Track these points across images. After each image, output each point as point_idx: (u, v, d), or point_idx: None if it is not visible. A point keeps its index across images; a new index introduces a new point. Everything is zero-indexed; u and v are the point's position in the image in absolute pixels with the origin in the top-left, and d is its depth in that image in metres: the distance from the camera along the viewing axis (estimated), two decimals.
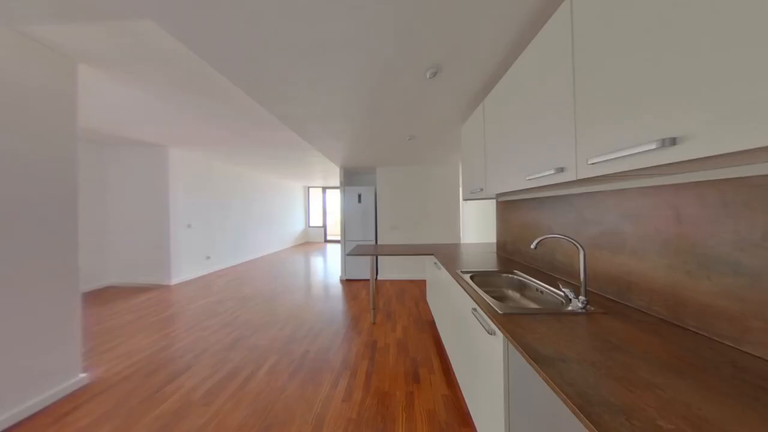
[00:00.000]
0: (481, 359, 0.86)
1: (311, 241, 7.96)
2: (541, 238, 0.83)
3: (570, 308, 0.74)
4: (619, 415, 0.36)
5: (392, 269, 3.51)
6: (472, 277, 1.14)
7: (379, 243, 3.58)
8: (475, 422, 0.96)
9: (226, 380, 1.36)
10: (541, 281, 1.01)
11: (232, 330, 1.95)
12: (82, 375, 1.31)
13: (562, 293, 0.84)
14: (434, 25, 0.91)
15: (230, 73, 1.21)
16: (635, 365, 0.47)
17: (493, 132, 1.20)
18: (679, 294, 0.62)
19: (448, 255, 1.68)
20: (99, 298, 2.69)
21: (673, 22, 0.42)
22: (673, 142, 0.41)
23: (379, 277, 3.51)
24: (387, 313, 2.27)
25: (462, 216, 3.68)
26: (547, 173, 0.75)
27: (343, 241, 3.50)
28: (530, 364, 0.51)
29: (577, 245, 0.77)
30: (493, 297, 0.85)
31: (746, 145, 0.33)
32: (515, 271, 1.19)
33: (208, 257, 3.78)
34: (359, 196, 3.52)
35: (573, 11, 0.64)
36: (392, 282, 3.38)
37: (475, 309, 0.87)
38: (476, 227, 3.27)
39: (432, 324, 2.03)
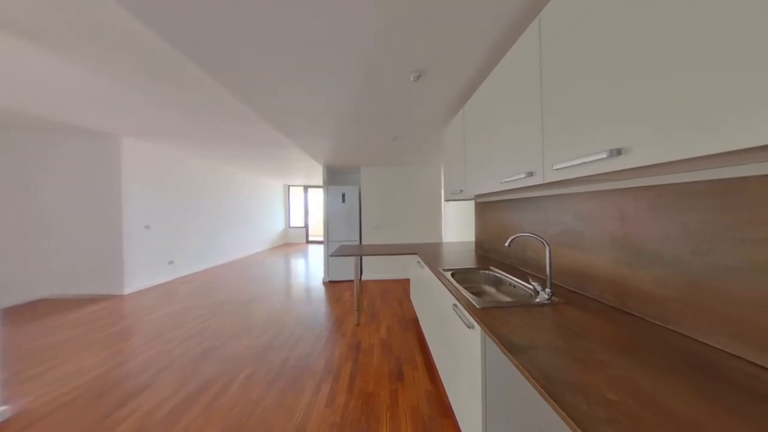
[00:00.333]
0: (461, 352, 0.90)
1: (292, 243, 7.60)
2: (514, 236, 0.90)
3: (538, 300, 0.81)
4: (577, 392, 0.41)
5: (376, 269, 3.52)
6: (452, 275, 1.19)
7: (363, 243, 3.56)
8: (455, 413, 1.01)
9: (195, 396, 1.23)
10: (514, 276, 1.10)
11: (201, 340, 1.78)
12: (1, 408, 1.09)
13: (531, 287, 0.92)
14: (416, 30, 0.94)
15: (203, 62, 1.10)
16: (590, 348, 0.54)
17: (472, 137, 1.27)
18: (623, 284, 0.72)
19: (430, 254, 1.73)
20: (29, 313, 2.26)
21: (618, 54, 0.48)
22: (619, 152, 0.48)
23: (363, 278, 3.48)
24: (371, 314, 2.27)
25: (444, 216, 3.83)
26: (518, 177, 0.82)
27: (326, 241, 3.41)
28: (505, 353, 0.55)
29: (544, 242, 0.85)
30: (471, 293, 0.89)
31: (671, 157, 0.40)
32: (491, 267, 1.27)
33: (171, 262, 3.39)
34: (343, 195, 3.46)
35: (541, 32, 0.71)
36: (376, 282, 3.38)
37: (455, 305, 0.91)
38: (457, 227, 3.42)
39: (415, 322, 2.08)
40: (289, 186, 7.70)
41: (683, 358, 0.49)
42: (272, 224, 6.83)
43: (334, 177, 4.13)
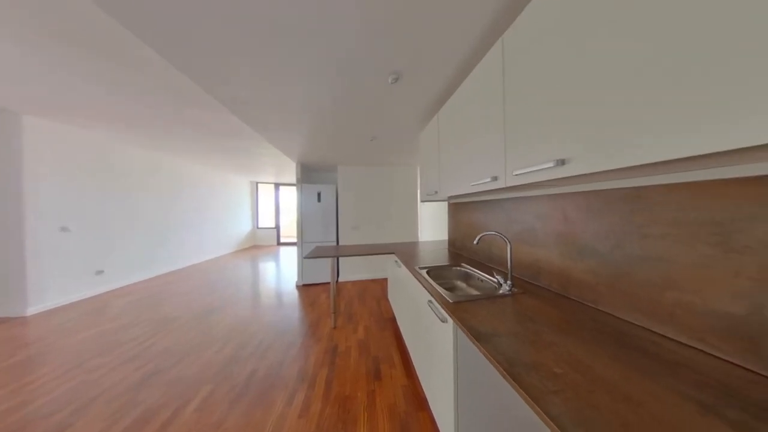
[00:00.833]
0: (435, 346, 0.95)
1: (261, 245, 7.00)
2: (482, 234, 0.99)
3: (501, 291, 0.90)
4: (531, 370, 0.46)
5: (354, 270, 3.47)
6: (428, 272, 1.24)
7: (340, 244, 3.47)
8: (430, 404, 1.06)
9: (134, 430, 1.04)
10: (481, 271, 1.20)
11: (141, 363, 1.50)
12: None
13: (495, 280, 1.02)
14: (396, 34, 0.95)
15: (148, 36, 0.92)
16: (541, 331, 0.62)
17: (445, 142, 1.35)
18: (566, 274, 0.85)
19: (407, 253, 1.78)
20: None
21: (557, 83, 0.57)
22: (563, 162, 0.56)
23: (340, 279, 3.40)
24: (348, 315, 2.22)
25: (420, 216, 3.97)
26: (485, 181, 0.90)
27: (300, 242, 3.23)
28: (474, 343, 0.59)
29: (506, 240, 0.95)
30: (445, 288, 0.95)
31: (598, 168, 0.49)
32: (462, 264, 1.37)
33: (100, 272, 2.79)
34: (318, 194, 3.32)
35: (504, 53, 0.79)
36: (354, 283, 3.33)
37: (430, 301, 0.95)
38: (432, 226, 3.59)
39: (393, 320, 2.11)
40: (257, 183, 7.06)
41: (608, 332, 0.60)
42: (237, 225, 6.19)
43: (309, 175, 3.94)
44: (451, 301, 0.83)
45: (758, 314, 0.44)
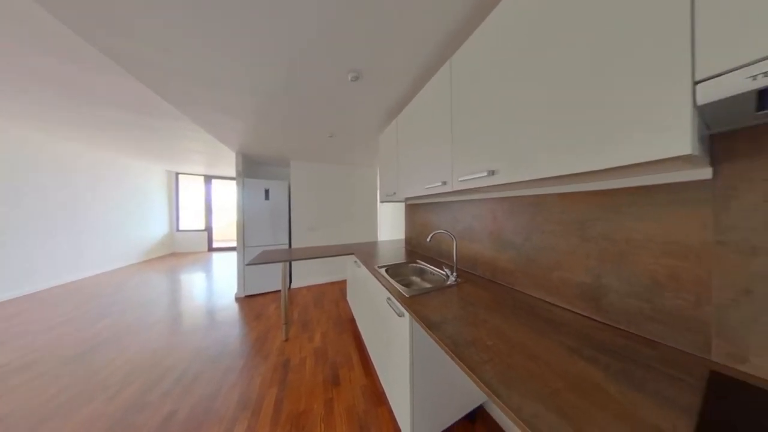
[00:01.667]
0: (393, 340, 0.99)
1: (182, 252, 5.59)
2: (434, 233, 1.10)
3: (449, 283, 1.03)
4: (470, 346, 0.55)
5: (310, 274, 3.22)
6: (386, 270, 1.29)
7: (294, 247, 3.15)
8: (388, 397, 1.10)
9: None
10: (433, 266, 1.33)
11: None
12: None
13: (444, 273, 1.15)
14: (355, 29, 0.94)
15: None
16: (477, 312, 0.74)
17: (403, 146, 1.43)
18: (494, 263, 1.04)
19: (367, 253, 1.79)
20: None
21: (488, 108, 0.70)
22: (493, 173, 0.69)
23: (293, 286, 3.09)
24: (303, 324, 2.05)
25: (379, 216, 4.07)
26: (436, 185, 1.01)
27: (242, 247, 2.75)
28: (426, 331, 0.65)
29: (452, 237, 1.09)
30: (402, 284, 1.00)
31: (518, 179, 0.62)
32: (418, 260, 1.49)
33: None
34: (266, 191, 2.92)
35: (452, 73, 0.90)
36: (310, 288, 3.10)
37: (389, 298, 0.99)
38: (391, 226, 3.74)
39: (352, 321, 2.08)
40: (177, 174, 5.58)
41: (521, 306, 0.78)
42: (143, 227, 4.74)
43: (254, 169, 3.41)
44: (407, 295, 0.88)
45: (597, 282, 0.66)
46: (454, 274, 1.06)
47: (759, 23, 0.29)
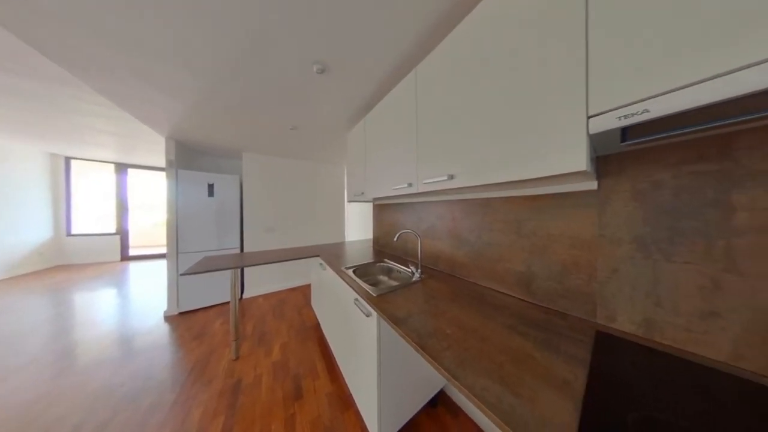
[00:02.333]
0: (361, 341, 0.99)
1: (77, 263, 4.22)
2: (400, 232, 1.15)
3: (414, 279, 1.09)
4: (433, 336, 0.59)
5: (268, 280, 2.90)
6: (354, 271, 1.27)
7: (247, 251, 2.78)
8: (355, 400, 1.08)
9: None
10: (400, 264, 1.38)
11: None
12: None
13: (410, 270, 1.21)
14: (320, 13, 0.90)
15: None
16: (439, 304, 0.80)
17: (371, 147, 1.44)
18: (453, 259, 1.16)
19: (333, 254, 1.72)
20: None
21: (447, 118, 0.78)
22: (452, 177, 0.77)
23: (245, 295, 2.72)
24: (259, 337, 1.82)
25: (347, 215, 3.97)
26: (403, 186, 1.05)
27: (175, 254, 2.26)
28: (393, 327, 0.67)
29: (417, 236, 1.16)
30: (369, 284, 1.01)
31: (472, 183, 0.71)
32: (385, 259, 1.52)
33: None
34: (210, 186, 2.48)
35: (417, 81, 0.96)
36: (267, 296, 2.78)
37: (356, 299, 0.98)
38: (360, 225, 3.70)
39: (317, 327, 1.97)
40: (67, 159, 4.15)
41: (474, 296, 0.88)
42: (12, 230, 3.37)
43: (193, 159, 2.85)
44: (374, 295, 0.89)
45: (529, 270, 0.81)
46: (419, 270, 1.13)
47: (625, 83, 0.41)
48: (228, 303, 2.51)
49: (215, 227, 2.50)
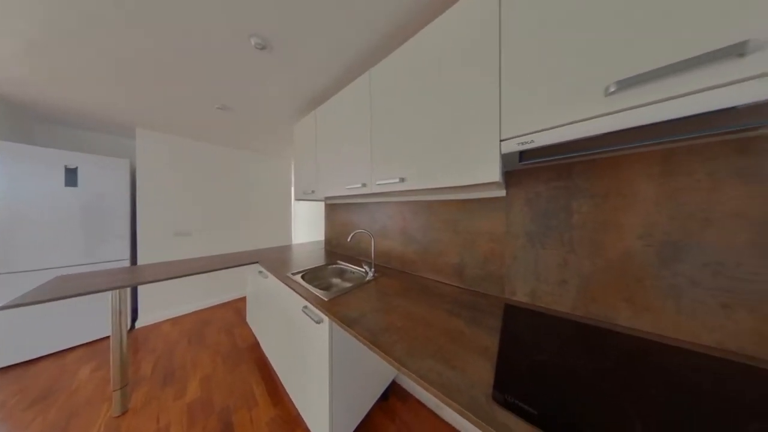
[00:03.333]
0: (311, 351, 0.91)
1: None
2: (354, 232, 1.13)
3: (368, 278, 1.10)
4: (386, 333, 0.62)
5: (181, 299, 2.24)
6: (303, 276, 1.16)
7: (143, 263, 2.05)
8: (303, 416, 0.99)
9: None
10: (354, 265, 1.36)
11: None
12: None
13: (363, 270, 1.22)
14: None
15: None
16: (391, 300, 0.85)
17: (323, 143, 1.35)
18: (404, 256, 1.24)
19: (277, 259, 1.52)
20: None
21: (397, 124, 0.83)
22: (403, 180, 0.82)
23: (140, 324, 2.01)
24: (164, 376, 1.38)
25: (294, 215, 3.58)
26: (357, 186, 1.05)
27: None
28: (346, 330, 0.66)
29: (371, 235, 1.18)
30: (321, 288, 0.95)
31: (420, 186, 0.78)
32: (338, 261, 1.46)
33: None
34: (70, 172, 1.69)
35: (371, 83, 0.98)
36: (179, 320, 2.15)
37: (305, 306, 0.90)
38: (309, 226, 3.41)
39: (254, 347, 1.68)
40: None
41: (422, 289, 0.98)
42: None
43: (37, 129, 1.85)
44: (326, 299, 0.84)
45: (462, 261, 0.98)
46: (373, 269, 1.15)
47: (523, 119, 0.55)
48: (105, 339, 1.78)
49: (81, 232, 1.72)
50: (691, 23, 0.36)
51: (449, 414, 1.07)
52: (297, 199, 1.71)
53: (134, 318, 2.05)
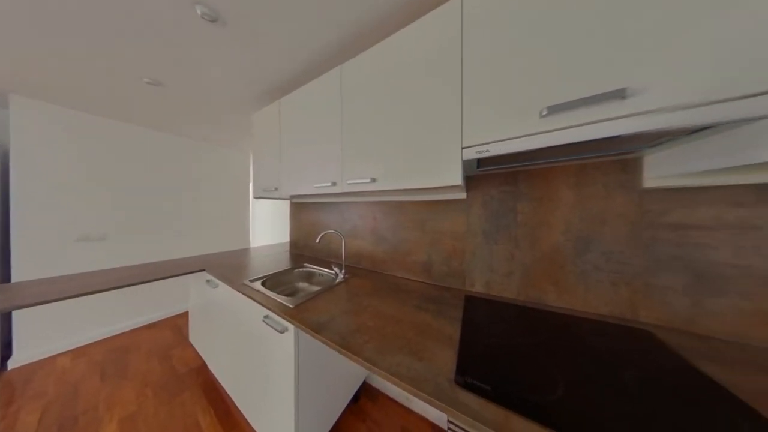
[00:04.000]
0: (273, 364, 0.83)
1: None
2: (323, 233, 1.08)
3: (338, 280, 1.07)
4: (356, 334, 0.61)
5: (90, 324, 1.73)
6: (263, 283, 1.04)
7: (21, 279, 1.51)
8: None
9: None
10: (322, 267, 1.30)
11: None
12: None
13: (333, 272, 1.17)
14: None
15: None
16: (362, 300, 0.84)
17: (288, 136, 1.25)
18: (374, 256, 1.25)
19: (231, 265, 1.33)
20: None
21: (369, 123, 0.84)
22: (374, 180, 0.83)
23: (18, 362, 1.48)
24: (61, 425, 1.05)
25: (252, 215, 3.20)
26: (326, 184, 1.00)
27: None
28: (314, 336, 0.62)
29: (341, 236, 1.15)
30: (285, 295, 0.87)
31: (391, 186, 0.80)
32: (305, 264, 1.37)
33: None
34: None
35: (342, 78, 0.95)
36: (83, 350, 1.66)
37: (266, 316, 0.81)
38: (272, 227, 3.09)
39: (199, 370, 1.43)
40: None
41: (392, 287, 1.00)
42: None
43: None
44: (291, 306, 0.78)
45: (429, 259, 1.04)
46: (343, 271, 1.12)
47: (479, 129, 0.62)
48: None
49: None
50: (591, 69, 0.47)
51: (418, 404, 1.13)
52: (256, 197, 1.54)
53: (5, 356, 1.49)
